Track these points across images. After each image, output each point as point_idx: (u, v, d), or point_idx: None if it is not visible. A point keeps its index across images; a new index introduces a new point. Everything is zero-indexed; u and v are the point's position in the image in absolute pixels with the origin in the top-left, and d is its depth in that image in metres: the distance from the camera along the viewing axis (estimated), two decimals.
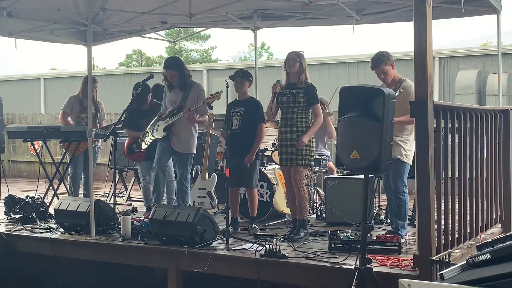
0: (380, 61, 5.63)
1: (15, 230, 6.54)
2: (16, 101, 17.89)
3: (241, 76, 6.36)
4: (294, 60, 5.91)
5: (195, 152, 6.64)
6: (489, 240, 3.22)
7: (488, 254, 3.12)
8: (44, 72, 27.61)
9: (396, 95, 5.45)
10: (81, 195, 7.81)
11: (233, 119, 6.35)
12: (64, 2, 7.89)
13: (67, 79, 19.03)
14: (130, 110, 7.14)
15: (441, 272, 3.27)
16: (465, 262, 3.21)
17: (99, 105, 8.07)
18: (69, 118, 7.90)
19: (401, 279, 3.40)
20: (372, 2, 7.80)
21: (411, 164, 5.63)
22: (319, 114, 5.93)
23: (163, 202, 6.93)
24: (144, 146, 6.86)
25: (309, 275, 4.95)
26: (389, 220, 6.35)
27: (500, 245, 3.16)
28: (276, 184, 6.95)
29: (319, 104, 6.01)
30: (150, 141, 6.72)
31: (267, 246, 5.16)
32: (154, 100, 7.37)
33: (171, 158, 6.78)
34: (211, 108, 6.51)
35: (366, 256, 4.29)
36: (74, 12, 8.21)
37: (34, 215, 6.99)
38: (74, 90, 8.11)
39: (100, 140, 7.73)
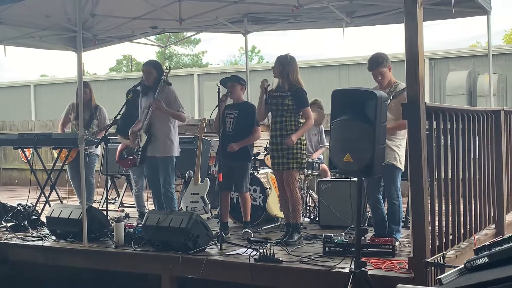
0: (378, 63, 5.53)
1: (6, 239, 6.49)
2: (7, 108, 17.81)
3: (231, 79, 6.37)
4: (274, 65, 5.96)
5: (176, 155, 6.51)
6: (486, 244, 3.21)
7: (486, 258, 3.11)
8: (34, 78, 27.51)
9: (389, 101, 5.45)
10: (77, 202, 7.75)
11: (227, 121, 6.34)
12: (53, 9, 7.85)
13: (57, 85, 18.98)
14: (123, 116, 7.10)
15: (439, 277, 3.25)
16: (463, 266, 3.19)
17: (97, 110, 7.94)
18: (68, 125, 7.92)
19: (399, 285, 3.37)
20: (362, 4, 7.81)
21: (403, 169, 5.57)
22: (309, 117, 5.93)
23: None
24: (139, 162, 6.74)
25: (303, 279, 4.93)
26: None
27: (497, 249, 3.14)
28: (269, 188, 6.93)
29: (309, 107, 6.00)
30: (140, 152, 6.58)
31: (261, 250, 5.14)
32: None
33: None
34: (169, 84, 6.45)
35: (361, 259, 4.28)
36: (63, 19, 8.17)
37: (26, 223, 6.95)
38: (64, 97, 8.08)
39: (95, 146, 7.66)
